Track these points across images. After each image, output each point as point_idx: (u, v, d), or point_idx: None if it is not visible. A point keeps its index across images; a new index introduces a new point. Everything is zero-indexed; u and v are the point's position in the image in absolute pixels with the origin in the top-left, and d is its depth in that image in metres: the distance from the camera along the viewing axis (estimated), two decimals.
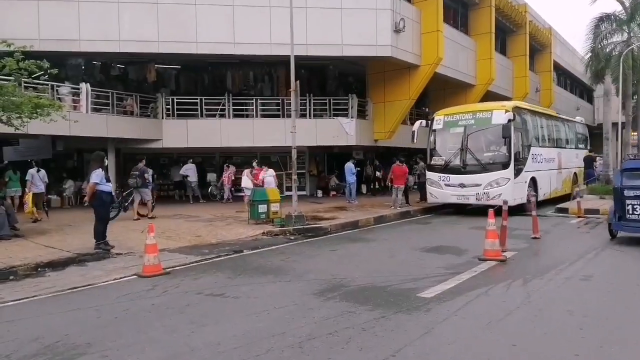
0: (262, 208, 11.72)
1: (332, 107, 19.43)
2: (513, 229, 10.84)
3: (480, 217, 13.48)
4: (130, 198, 14.09)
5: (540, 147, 15.48)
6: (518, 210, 13.88)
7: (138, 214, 13.54)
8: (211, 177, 20.64)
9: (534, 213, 9.78)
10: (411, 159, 27.74)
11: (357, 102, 19.44)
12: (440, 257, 7.83)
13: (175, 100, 18.36)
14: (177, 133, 18.04)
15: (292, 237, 10.42)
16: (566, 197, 17.70)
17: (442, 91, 24.00)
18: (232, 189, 18.71)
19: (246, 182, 15.89)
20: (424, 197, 17.21)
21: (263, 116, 19.13)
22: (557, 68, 36.32)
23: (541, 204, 15.03)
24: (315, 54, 16.83)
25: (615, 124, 37.21)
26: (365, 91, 20.85)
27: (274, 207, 11.96)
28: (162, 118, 18.12)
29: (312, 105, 19.09)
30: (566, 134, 18.57)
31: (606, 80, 20.38)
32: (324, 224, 11.75)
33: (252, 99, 19.13)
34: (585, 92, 48.25)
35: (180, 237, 10.35)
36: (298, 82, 12.04)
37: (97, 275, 7.04)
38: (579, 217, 13.06)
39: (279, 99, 19.51)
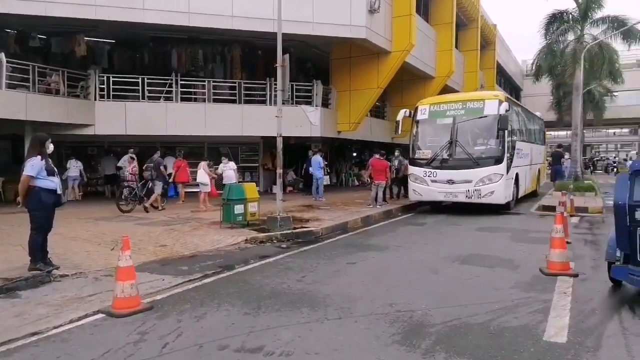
0: (238, 209, 9.65)
1: (294, 94, 17.49)
2: (527, 232, 9.77)
3: (466, 215, 12.41)
4: (145, 190, 13.23)
5: (520, 141, 14.73)
6: (503, 208, 13.00)
7: (152, 206, 13.03)
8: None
9: (565, 214, 8.65)
10: (364, 152, 26.70)
11: (322, 89, 17.70)
12: (493, 272, 6.37)
13: (111, 78, 15.51)
14: (113, 118, 15.27)
15: (284, 246, 8.52)
16: (532, 194, 17.30)
17: (399, 82, 22.84)
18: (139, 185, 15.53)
19: (203, 176, 13.64)
20: (397, 194, 15.99)
21: (216, 101, 16.79)
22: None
23: (516, 202, 14.33)
24: (283, 31, 14.79)
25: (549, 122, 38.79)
26: (329, 78, 19.14)
27: (252, 207, 9.94)
28: (95, 99, 15.23)
29: (272, 90, 17.03)
30: (534, 129, 18.16)
31: (576, 75, 20.34)
32: (311, 226, 9.94)
33: (204, 81, 16.73)
34: (514, 92, 50.20)
35: (140, 247, 8.05)
36: (287, 55, 10.05)
37: (42, 315, 4.75)
38: (571, 215, 12.32)
39: (234, 82, 17.24)
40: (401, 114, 13.64)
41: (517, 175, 13.87)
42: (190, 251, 7.87)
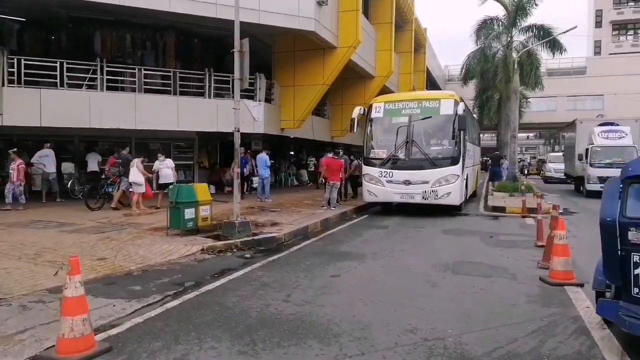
0: (189, 213, 8.40)
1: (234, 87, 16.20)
2: (495, 234, 9.51)
3: (421, 216, 12.04)
4: (116, 187, 12.76)
5: (469, 142, 14.73)
6: (456, 209, 12.82)
7: (119, 202, 12.58)
8: (67, 167, 15.76)
9: (539, 217, 8.41)
10: (301, 151, 25.95)
11: (265, 83, 16.63)
12: (494, 283, 5.84)
13: (22, 61, 13.33)
14: (26, 107, 13.11)
15: (247, 255, 7.47)
16: (472, 195, 17.51)
17: (340, 81, 22.28)
18: (22, 185, 12.49)
19: (136, 175, 12.10)
20: (344, 195, 15.38)
21: (148, 91, 15.09)
22: None
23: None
24: (227, 17, 13.55)
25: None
26: (270, 72, 18.07)
27: (204, 210, 8.74)
28: (3, 85, 13.00)
29: (212, 82, 15.71)
30: (474, 130, 18.44)
31: (515, 79, 20.92)
32: (272, 232, 8.96)
33: (134, 69, 14.97)
34: None
35: None
36: (247, 40, 8.95)
37: None
38: (523, 216, 12.41)
39: (169, 72, 15.63)
40: (356, 111, 13.01)
41: (467, 176, 13.80)
42: (138, 265, 6.59)
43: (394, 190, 12.26)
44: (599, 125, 18.69)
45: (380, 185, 12.41)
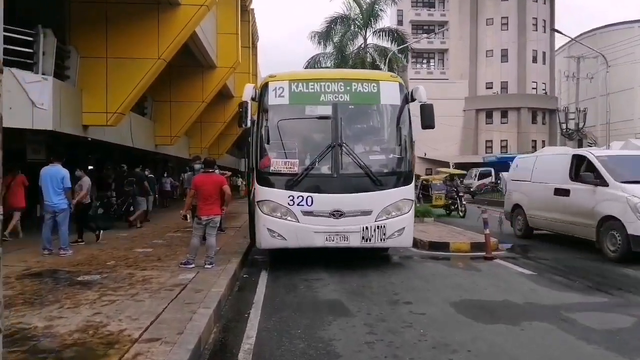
0: None
1: None
2: (555, 309, 5.22)
3: (346, 268, 7.26)
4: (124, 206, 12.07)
5: None
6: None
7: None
8: None
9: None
10: (106, 165, 18.38)
11: (54, 46, 9.66)
12: None
13: None
14: None
15: None
16: None
17: (167, 68, 16.12)
18: None
19: None
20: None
21: None
22: None
23: None
24: None
25: None
26: (64, 33, 10.95)
27: None
28: None
29: None
30: None
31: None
32: None
33: None
34: None
35: None
36: None
37: None
38: (486, 258, 8.59)
39: None
40: (249, 91, 7.41)
41: None
42: None
43: (316, 227, 7.12)
44: None
45: (292, 220, 7.14)
